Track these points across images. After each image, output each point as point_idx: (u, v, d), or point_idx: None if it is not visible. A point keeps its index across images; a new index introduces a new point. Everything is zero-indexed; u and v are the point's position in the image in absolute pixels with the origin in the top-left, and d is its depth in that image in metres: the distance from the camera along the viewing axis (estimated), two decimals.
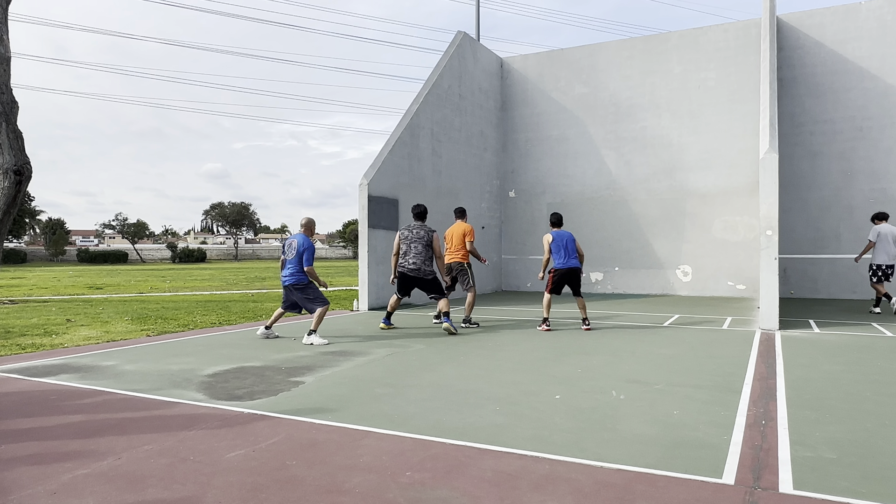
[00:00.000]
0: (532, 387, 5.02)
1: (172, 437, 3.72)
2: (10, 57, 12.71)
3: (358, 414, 4.23)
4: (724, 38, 14.70)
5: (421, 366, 5.95)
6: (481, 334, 8.14)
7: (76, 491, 2.92)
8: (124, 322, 9.83)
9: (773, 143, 8.93)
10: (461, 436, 3.72)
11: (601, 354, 6.55)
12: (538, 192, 16.62)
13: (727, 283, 14.41)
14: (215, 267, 52.30)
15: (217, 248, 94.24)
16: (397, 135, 12.49)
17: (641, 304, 12.48)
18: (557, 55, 16.52)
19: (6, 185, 12.54)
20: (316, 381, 5.30)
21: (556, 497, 2.82)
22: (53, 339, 7.91)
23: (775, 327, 8.49)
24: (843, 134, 13.78)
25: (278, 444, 3.58)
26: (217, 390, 4.95)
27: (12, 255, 62.95)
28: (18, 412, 4.38)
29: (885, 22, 13.45)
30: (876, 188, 13.47)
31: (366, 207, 11.38)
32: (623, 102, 15.67)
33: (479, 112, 15.79)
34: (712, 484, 2.96)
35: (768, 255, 8.63)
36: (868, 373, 5.54)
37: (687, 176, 14.92)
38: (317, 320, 7.37)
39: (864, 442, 3.57)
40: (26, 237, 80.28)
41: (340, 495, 2.85)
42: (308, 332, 7.36)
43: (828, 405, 4.42)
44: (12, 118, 12.71)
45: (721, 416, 4.14)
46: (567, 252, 8.62)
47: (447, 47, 14.82)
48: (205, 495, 2.86)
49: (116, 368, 5.91)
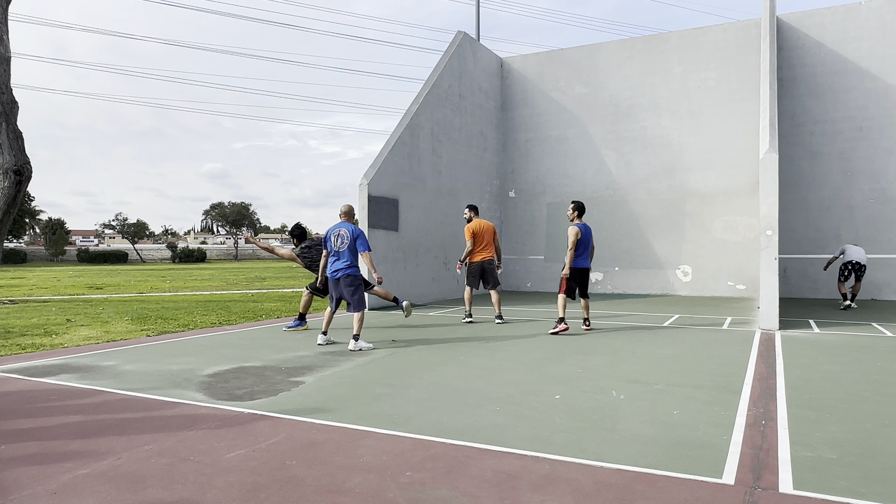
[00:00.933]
0: (532, 387, 5.02)
1: (172, 437, 3.72)
2: (10, 57, 12.71)
3: (358, 414, 4.23)
4: (724, 38, 14.70)
5: (421, 366, 5.95)
6: (481, 334, 8.14)
7: (76, 491, 2.92)
8: (124, 322, 9.82)
9: (773, 143, 8.93)
10: (461, 436, 3.72)
11: (601, 354, 6.54)
12: (538, 192, 16.62)
13: (727, 283, 14.41)
14: (215, 267, 52.30)
15: (217, 248, 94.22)
16: (397, 135, 12.49)
17: (641, 304, 12.48)
18: (557, 55, 16.52)
19: (6, 185, 12.54)
20: (316, 381, 5.30)
21: (556, 497, 2.82)
22: (53, 339, 7.91)
23: (775, 327, 8.49)
24: (843, 134, 13.78)
25: (278, 444, 3.58)
26: (217, 390, 4.95)
27: (12, 255, 62.95)
28: (18, 412, 4.38)
29: (885, 22, 13.45)
30: (876, 188, 13.47)
31: (366, 207, 11.37)
32: (623, 102, 15.67)
33: (479, 112, 15.79)
34: (712, 484, 2.96)
35: (768, 255, 8.63)
36: (868, 373, 5.54)
37: (687, 176, 14.92)
38: (359, 324, 6.92)
39: (864, 442, 3.57)
40: (26, 237, 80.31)
41: (340, 495, 2.85)
42: (353, 337, 6.90)
43: (828, 405, 4.42)
44: (12, 118, 12.71)
45: (721, 416, 4.14)
46: (586, 249, 8.31)
47: (447, 47, 14.82)
48: (205, 495, 2.86)
49: (116, 368, 5.91)
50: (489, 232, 9.16)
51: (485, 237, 9.13)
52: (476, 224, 9.21)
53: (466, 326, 8.90)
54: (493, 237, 9.19)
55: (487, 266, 9.15)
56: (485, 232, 9.14)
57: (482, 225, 9.20)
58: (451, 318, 9.97)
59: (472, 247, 9.14)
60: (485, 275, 9.18)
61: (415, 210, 12.81)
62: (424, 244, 13.12)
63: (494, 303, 9.21)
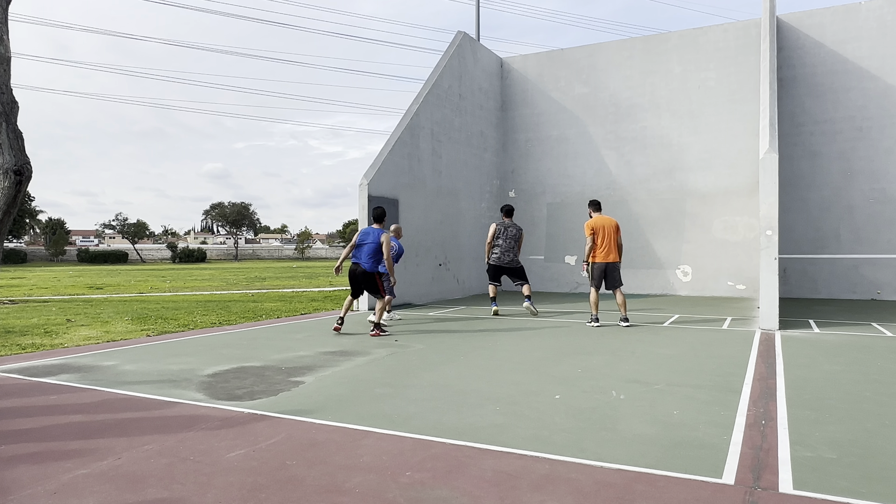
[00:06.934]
0: (532, 387, 5.02)
1: (172, 437, 3.72)
2: (10, 57, 12.71)
3: (358, 414, 4.23)
4: (724, 38, 14.70)
5: (421, 366, 5.95)
6: (481, 334, 8.14)
7: (76, 491, 2.92)
8: (124, 322, 9.82)
9: (773, 143, 8.93)
10: (461, 436, 3.72)
11: (601, 354, 6.54)
12: (538, 192, 16.61)
13: (727, 283, 14.40)
14: (215, 267, 52.30)
15: (217, 248, 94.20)
16: (397, 135, 12.49)
17: (641, 304, 12.47)
18: (557, 55, 16.52)
19: (6, 185, 12.54)
20: (316, 381, 5.30)
21: (556, 497, 2.82)
22: (53, 339, 7.91)
23: (775, 327, 8.49)
24: (843, 134, 13.78)
25: (278, 444, 3.58)
26: (217, 390, 4.95)
27: (12, 255, 62.95)
28: (18, 412, 4.38)
29: (885, 22, 13.44)
30: (876, 188, 13.46)
31: (366, 208, 11.37)
32: (623, 102, 15.67)
33: (479, 112, 15.79)
34: (712, 484, 2.96)
35: (768, 255, 8.63)
36: (868, 373, 5.54)
37: (687, 176, 14.92)
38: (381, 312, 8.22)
39: (864, 442, 3.57)
40: (26, 237, 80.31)
41: (340, 495, 2.85)
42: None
43: (828, 405, 4.42)
44: (12, 118, 12.71)
45: (721, 416, 4.14)
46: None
47: (447, 47, 14.83)
48: (205, 495, 2.86)
49: (116, 368, 5.91)
50: (611, 229, 8.78)
51: (608, 237, 8.76)
52: (596, 221, 8.86)
53: (466, 326, 8.90)
54: (616, 235, 8.81)
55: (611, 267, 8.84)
56: (605, 231, 8.77)
57: (604, 222, 8.83)
58: (452, 318, 9.97)
59: (593, 244, 8.84)
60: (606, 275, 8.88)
61: (415, 210, 12.81)
62: (424, 244, 13.12)
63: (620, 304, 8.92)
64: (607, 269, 8.81)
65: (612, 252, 8.79)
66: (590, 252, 8.83)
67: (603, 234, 8.76)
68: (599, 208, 9.07)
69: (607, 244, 8.76)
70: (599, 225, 8.80)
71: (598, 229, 8.78)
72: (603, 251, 8.77)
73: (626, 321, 8.78)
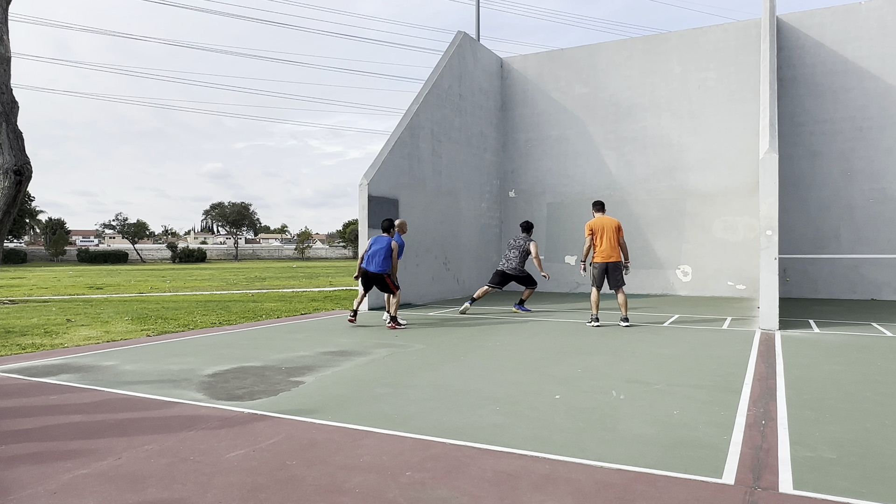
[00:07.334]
0: (532, 387, 5.02)
1: (172, 437, 3.72)
2: (10, 57, 12.71)
3: (358, 414, 4.23)
4: (724, 38, 14.70)
5: (421, 366, 5.95)
6: (481, 334, 8.14)
7: (76, 491, 2.92)
8: (124, 322, 9.82)
9: (773, 143, 8.93)
10: (461, 436, 3.72)
11: (601, 354, 6.54)
12: (538, 192, 16.61)
13: (727, 283, 14.40)
14: (215, 267, 52.30)
15: (217, 248, 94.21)
16: (397, 135, 12.49)
17: (641, 304, 12.47)
18: (557, 55, 16.52)
19: (6, 185, 12.54)
20: (316, 381, 5.30)
21: (556, 497, 2.82)
22: (53, 339, 7.91)
23: (775, 327, 8.49)
24: (843, 134, 13.78)
25: (278, 444, 3.58)
26: (217, 390, 4.95)
27: (12, 255, 62.94)
28: (18, 412, 4.38)
29: (885, 22, 13.44)
30: (876, 188, 13.47)
31: (366, 208, 11.37)
32: (623, 102, 15.67)
33: (479, 112, 15.79)
34: (712, 484, 2.96)
35: (768, 255, 8.63)
36: (868, 373, 5.54)
37: (687, 176, 14.92)
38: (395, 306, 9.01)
39: (864, 442, 3.57)
40: (26, 237, 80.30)
41: (340, 495, 2.85)
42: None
43: (828, 405, 4.42)
44: (12, 118, 12.71)
45: (721, 416, 4.14)
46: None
47: (447, 47, 14.83)
48: (205, 495, 2.86)
49: (116, 368, 5.91)
50: (611, 229, 8.77)
51: (605, 237, 8.75)
52: (596, 222, 8.88)
53: (465, 327, 8.91)
54: (615, 235, 8.78)
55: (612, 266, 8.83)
56: (604, 230, 8.77)
57: (603, 223, 8.84)
58: (451, 318, 9.97)
59: (590, 244, 8.86)
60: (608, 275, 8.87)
61: (415, 210, 12.81)
62: (424, 244, 13.12)
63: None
64: (608, 269, 8.82)
65: (613, 252, 8.79)
66: (587, 252, 8.87)
67: (602, 234, 8.78)
68: (602, 209, 9.09)
69: (607, 244, 8.76)
70: (599, 225, 8.82)
71: (597, 229, 8.81)
72: (603, 251, 8.78)
73: (627, 321, 8.78)
